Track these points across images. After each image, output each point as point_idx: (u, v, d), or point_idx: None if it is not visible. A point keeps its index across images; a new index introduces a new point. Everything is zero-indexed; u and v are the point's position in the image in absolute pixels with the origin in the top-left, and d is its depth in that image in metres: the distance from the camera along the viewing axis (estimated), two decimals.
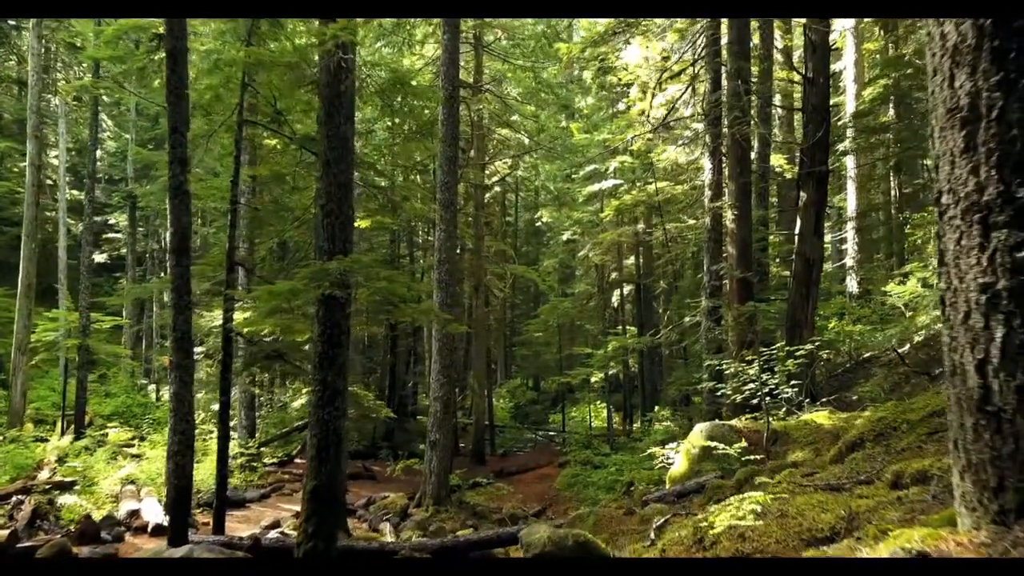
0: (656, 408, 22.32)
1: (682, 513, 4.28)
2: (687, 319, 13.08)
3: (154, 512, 10.76)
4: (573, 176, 26.12)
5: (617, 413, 24.82)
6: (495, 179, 25.01)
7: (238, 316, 9.04)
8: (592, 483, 15.77)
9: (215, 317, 9.88)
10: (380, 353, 26.59)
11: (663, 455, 9.27)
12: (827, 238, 18.41)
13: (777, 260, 17.91)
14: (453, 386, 14.49)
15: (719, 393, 9.67)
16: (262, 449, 17.56)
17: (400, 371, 25.61)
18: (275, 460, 16.40)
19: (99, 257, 30.53)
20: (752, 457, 6.38)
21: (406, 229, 26.30)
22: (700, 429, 8.19)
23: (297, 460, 17.12)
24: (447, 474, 13.72)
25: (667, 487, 8.41)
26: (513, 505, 14.46)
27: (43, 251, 28.70)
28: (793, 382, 8.54)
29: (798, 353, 8.08)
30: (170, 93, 7.89)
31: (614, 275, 25.19)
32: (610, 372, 22.94)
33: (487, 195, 27.24)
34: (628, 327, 24.95)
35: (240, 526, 11.76)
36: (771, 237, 17.67)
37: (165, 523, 10.60)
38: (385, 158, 24.12)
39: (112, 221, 32.23)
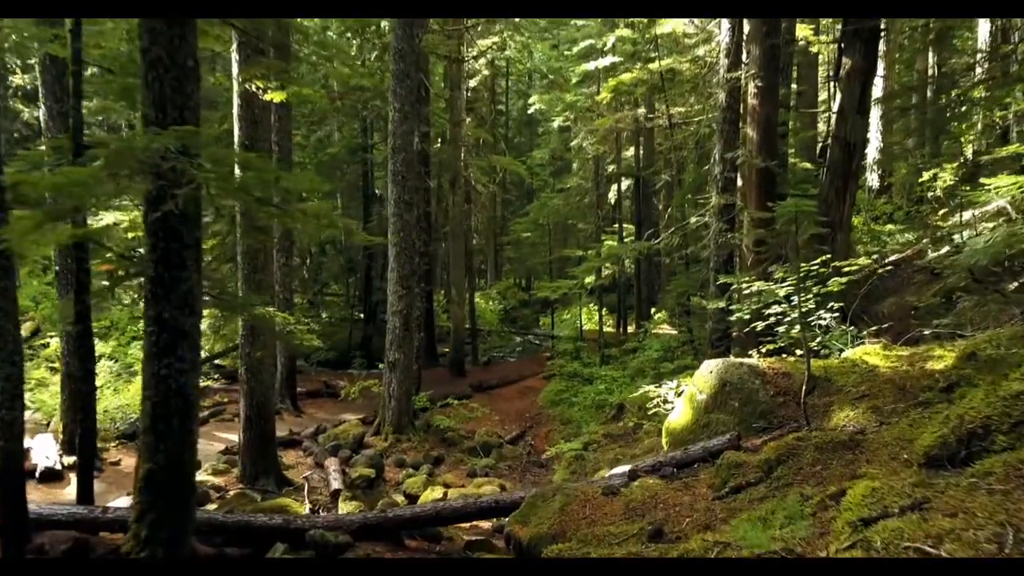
0: (652, 312, 20.50)
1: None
2: (693, 219, 10.85)
3: (47, 452, 8.94)
4: (565, 53, 23.04)
5: (610, 316, 23.01)
6: (480, 60, 21.94)
7: (108, 218, 6.84)
8: (578, 402, 14.13)
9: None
10: (358, 253, 24.49)
11: (658, 396, 7.32)
12: None
13: (792, 151, 15.47)
14: (415, 298, 12.46)
15: (733, 316, 7.62)
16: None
17: (376, 274, 23.57)
18: (217, 378, 14.59)
19: None
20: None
21: (380, 116, 23.46)
22: (709, 369, 6.18)
23: None
24: (409, 398, 11.95)
25: (663, 443, 6.50)
26: (488, 429, 12.81)
27: None
28: (832, 305, 6.48)
29: (845, 269, 5.95)
30: None
31: (611, 168, 22.66)
32: (604, 273, 20.95)
33: (473, 80, 24.17)
34: (626, 225, 22.76)
35: None
36: (791, 123, 15.10)
37: (58, 467, 8.86)
38: (351, 33, 21.09)
39: None
